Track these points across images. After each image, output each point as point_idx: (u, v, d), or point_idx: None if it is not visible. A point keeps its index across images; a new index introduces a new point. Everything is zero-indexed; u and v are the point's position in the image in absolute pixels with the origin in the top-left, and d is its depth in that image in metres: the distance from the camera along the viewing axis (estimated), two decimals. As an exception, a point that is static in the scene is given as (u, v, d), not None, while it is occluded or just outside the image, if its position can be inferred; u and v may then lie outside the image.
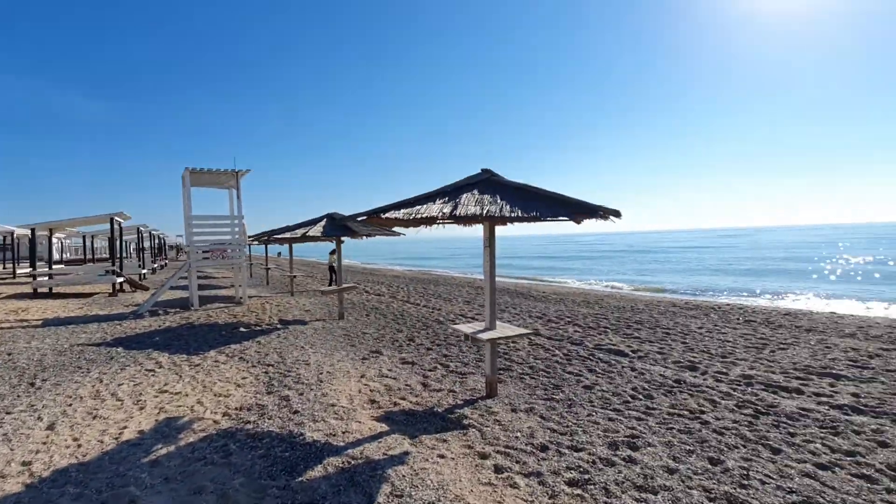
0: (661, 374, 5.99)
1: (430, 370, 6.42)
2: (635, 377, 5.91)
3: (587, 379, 5.87)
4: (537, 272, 34.64)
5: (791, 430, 4.18)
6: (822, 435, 4.07)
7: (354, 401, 5.11)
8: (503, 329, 5.16)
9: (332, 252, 18.47)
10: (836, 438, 4.00)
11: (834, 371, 6.12)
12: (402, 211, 3.90)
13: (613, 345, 7.84)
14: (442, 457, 3.71)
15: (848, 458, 3.65)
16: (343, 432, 4.18)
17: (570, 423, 4.41)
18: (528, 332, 5.19)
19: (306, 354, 7.41)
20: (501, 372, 6.26)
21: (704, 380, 5.72)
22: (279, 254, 71.20)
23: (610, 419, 4.51)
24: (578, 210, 3.84)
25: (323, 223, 10.33)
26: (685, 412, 4.67)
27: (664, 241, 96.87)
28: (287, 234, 11.08)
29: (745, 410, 4.66)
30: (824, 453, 3.74)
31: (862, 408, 4.64)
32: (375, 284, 20.97)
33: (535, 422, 4.48)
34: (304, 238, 10.82)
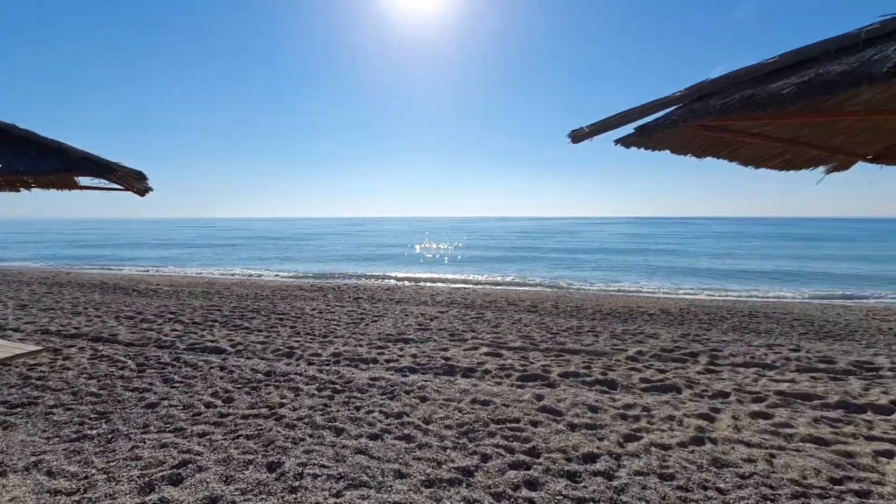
0: (252, 369, 5.43)
1: None
2: (222, 378, 5.12)
3: (156, 394, 4.63)
4: (162, 262, 29.16)
5: (358, 405, 4.37)
6: (381, 402, 4.42)
7: None
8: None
9: None
10: (391, 402, 4.42)
11: (405, 336, 7.24)
12: None
13: (214, 341, 6.82)
14: None
15: (396, 421, 4.02)
16: None
17: (94, 471, 3.14)
18: (29, 349, 3.50)
19: None
20: (17, 409, 4.19)
21: (297, 366, 5.55)
22: None
23: (163, 445, 3.52)
24: (76, 166, 2.62)
25: None
26: (263, 410, 4.22)
27: (294, 228, 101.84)
28: None
29: (324, 392, 4.65)
30: (379, 421, 4.01)
31: (415, 367, 5.47)
32: None
33: (31, 485, 2.97)
34: None
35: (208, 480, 3.01)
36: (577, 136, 2.53)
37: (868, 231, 78.73)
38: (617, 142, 2.50)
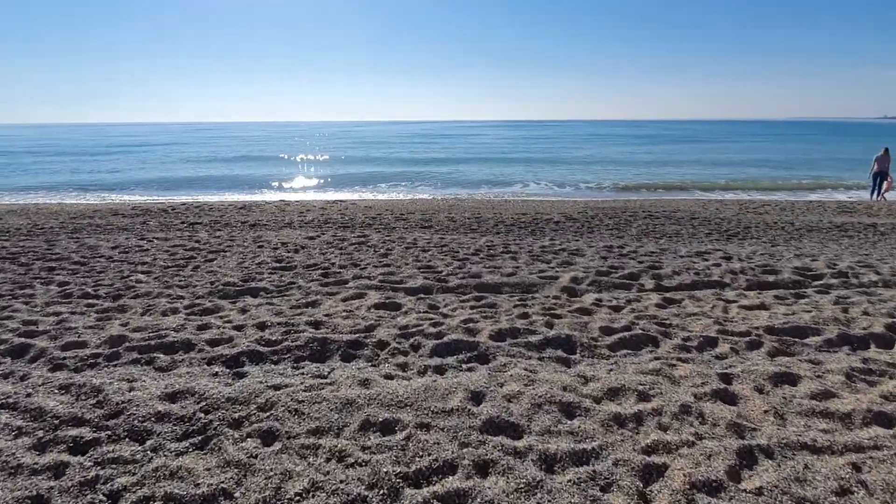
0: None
1: None
2: None
3: None
4: None
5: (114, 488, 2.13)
6: (172, 466, 2.25)
7: None
8: None
9: None
10: (197, 464, 2.27)
11: (254, 284, 4.87)
12: None
13: None
14: None
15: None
16: None
17: None
18: None
19: None
20: None
21: (23, 380, 2.98)
22: None
23: None
24: None
25: None
26: None
27: (121, 136, 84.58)
28: None
29: (46, 458, 2.29)
30: None
31: (261, 350, 3.28)
32: None
33: None
34: None
35: None
36: None
37: (704, 130, 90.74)
38: None
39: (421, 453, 2.15)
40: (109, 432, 2.32)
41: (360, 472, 2.03)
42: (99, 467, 2.08)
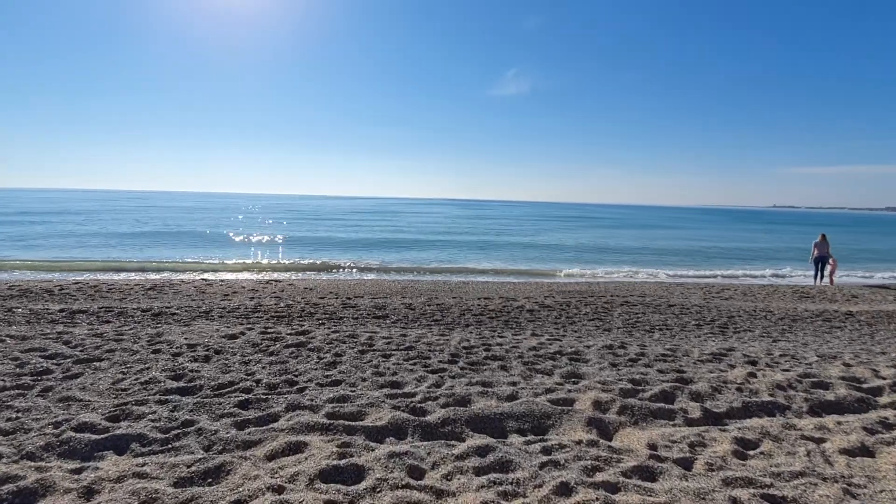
0: None
1: None
2: None
3: None
4: None
5: None
6: None
7: None
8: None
9: None
10: None
11: (128, 428, 3.11)
12: None
13: None
14: None
15: None
16: None
17: None
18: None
19: None
20: None
21: None
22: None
23: None
24: None
25: None
26: None
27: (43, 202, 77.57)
28: None
29: None
30: None
31: None
32: None
33: None
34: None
35: None
36: None
37: (627, 215, 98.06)
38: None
39: None
40: None
41: None
42: None
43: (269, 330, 6.04)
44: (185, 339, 5.48)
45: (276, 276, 14.54)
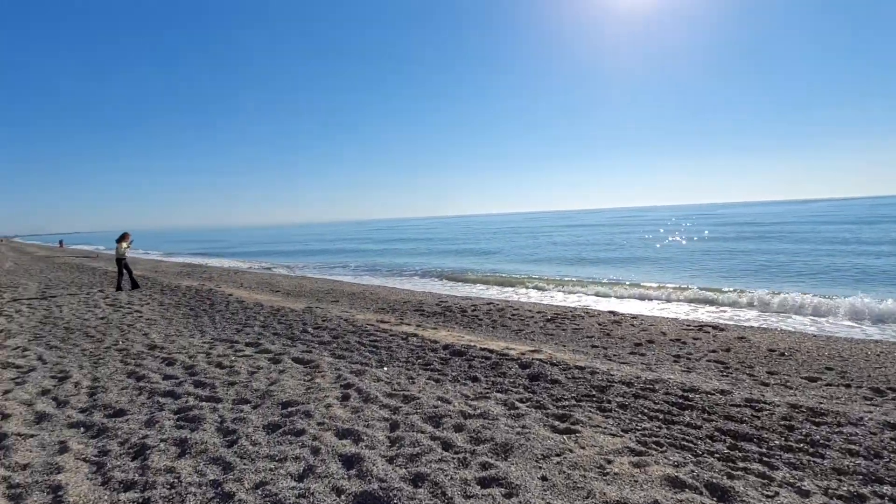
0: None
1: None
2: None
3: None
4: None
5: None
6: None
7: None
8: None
9: (122, 238, 13.22)
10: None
11: None
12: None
13: None
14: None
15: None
16: None
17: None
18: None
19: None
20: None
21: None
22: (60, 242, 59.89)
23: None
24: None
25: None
26: None
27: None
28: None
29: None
30: None
31: None
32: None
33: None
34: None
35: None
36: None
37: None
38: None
39: None
40: None
41: None
42: None
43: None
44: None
45: (711, 316, 10.22)
